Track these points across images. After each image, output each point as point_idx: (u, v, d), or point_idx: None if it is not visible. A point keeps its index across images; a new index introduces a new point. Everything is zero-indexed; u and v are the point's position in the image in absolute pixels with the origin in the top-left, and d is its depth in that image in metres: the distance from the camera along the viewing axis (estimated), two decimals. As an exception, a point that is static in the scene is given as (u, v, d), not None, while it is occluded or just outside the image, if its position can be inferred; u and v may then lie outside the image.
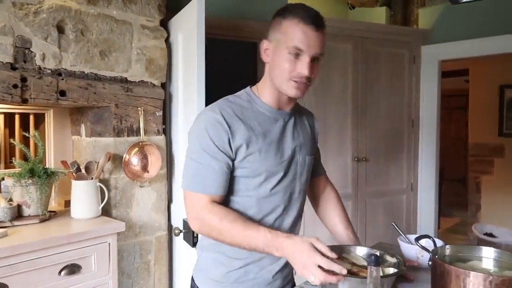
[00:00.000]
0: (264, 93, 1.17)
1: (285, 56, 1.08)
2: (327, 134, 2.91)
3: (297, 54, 1.07)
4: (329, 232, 1.39)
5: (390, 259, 1.10)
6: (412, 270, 1.25)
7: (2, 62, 1.63)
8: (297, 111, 1.27)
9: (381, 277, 1.00)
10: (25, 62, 1.69)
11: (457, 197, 6.67)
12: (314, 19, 1.08)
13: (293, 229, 1.25)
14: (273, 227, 1.15)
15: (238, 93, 1.21)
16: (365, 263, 1.11)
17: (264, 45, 1.15)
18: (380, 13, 3.50)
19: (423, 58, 3.30)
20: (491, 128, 4.50)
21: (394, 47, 3.23)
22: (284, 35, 1.08)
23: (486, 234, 4.33)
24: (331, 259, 0.94)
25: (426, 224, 3.36)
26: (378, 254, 1.03)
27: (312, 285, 1.03)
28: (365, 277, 0.83)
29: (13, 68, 1.66)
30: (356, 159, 3.06)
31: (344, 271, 0.90)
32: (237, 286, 1.18)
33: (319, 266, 0.93)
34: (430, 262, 1.05)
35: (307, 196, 1.38)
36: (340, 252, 1.16)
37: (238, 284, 1.17)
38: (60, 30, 1.79)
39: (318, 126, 1.41)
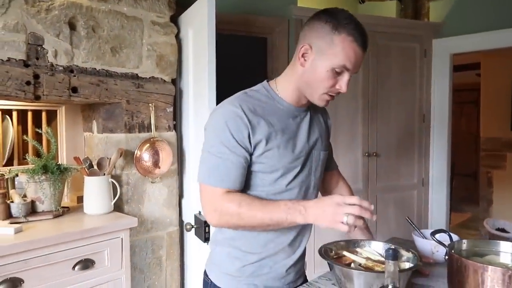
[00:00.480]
0: (285, 90, 1.17)
1: (328, 71, 1.07)
2: (338, 130, 2.89)
3: (341, 71, 1.07)
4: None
5: (406, 253, 1.09)
6: (428, 265, 1.24)
7: (15, 59, 1.64)
8: (312, 107, 1.26)
9: (398, 271, 0.99)
10: (37, 59, 1.70)
11: (468, 192, 6.61)
12: (366, 41, 1.07)
13: (308, 225, 1.24)
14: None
15: (256, 87, 1.20)
16: (380, 258, 1.10)
17: (303, 49, 1.10)
18: (391, 6, 3.46)
19: (435, 52, 3.27)
20: (503, 123, 4.45)
21: (405, 41, 3.20)
22: (333, 50, 1.05)
23: (498, 229, 4.28)
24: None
25: (437, 220, 3.33)
26: (395, 247, 1.02)
27: (325, 279, 1.02)
28: (382, 272, 0.83)
29: (26, 65, 1.67)
30: (366, 154, 3.04)
31: (372, 207, 0.95)
32: (252, 280, 1.17)
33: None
34: (446, 257, 1.04)
35: (319, 191, 1.37)
36: (355, 246, 1.15)
37: (253, 278, 1.17)
38: (72, 27, 1.80)
39: (331, 122, 1.41)
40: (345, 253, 1.13)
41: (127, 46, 1.97)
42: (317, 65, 1.08)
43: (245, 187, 1.14)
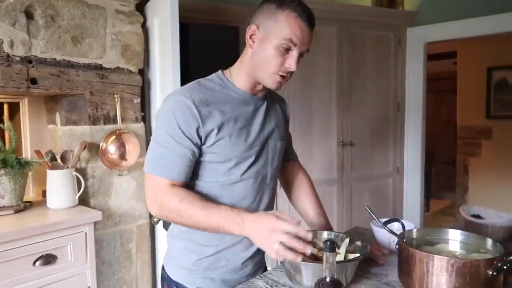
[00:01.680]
0: (238, 78, 1.15)
1: (275, 48, 1.06)
2: (312, 119, 2.89)
3: (288, 48, 1.06)
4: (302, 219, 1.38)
5: (358, 244, 1.09)
6: (384, 254, 1.25)
7: (-33, 49, 1.58)
8: (269, 96, 1.24)
9: (339, 262, 0.99)
10: (-8, 49, 1.65)
11: (448, 179, 6.71)
12: (311, 19, 1.08)
13: None
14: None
15: (210, 76, 1.19)
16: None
17: (251, 30, 1.09)
18: (366, -6, 3.45)
19: (409, 41, 3.27)
20: (479, 111, 4.50)
21: (380, 30, 3.19)
22: (279, 26, 1.05)
23: (473, 215, 4.37)
24: (295, 234, 0.93)
25: (412, 207, 3.38)
26: (333, 239, 1.03)
27: (279, 271, 1.02)
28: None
29: (-21, 56, 1.61)
30: (341, 143, 3.04)
31: (309, 251, 0.89)
32: (208, 274, 1.16)
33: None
34: (396, 246, 1.04)
35: (279, 182, 1.36)
36: (314, 237, 1.15)
37: (209, 271, 1.16)
38: (29, 15, 1.74)
39: (290, 111, 1.39)
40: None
41: (89, 35, 1.92)
42: (265, 44, 1.07)
43: (197, 178, 1.13)
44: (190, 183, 1.12)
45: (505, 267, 0.89)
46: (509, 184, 4.20)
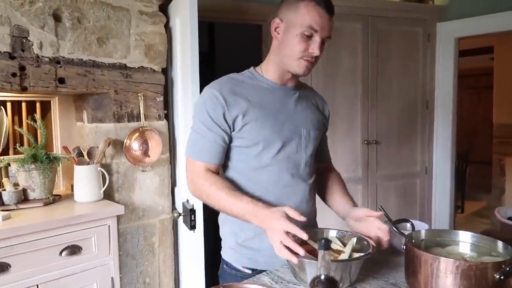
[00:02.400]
0: (267, 70, 1.25)
1: (298, 36, 1.14)
2: (336, 117, 2.85)
3: (310, 34, 1.14)
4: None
5: (365, 243, 1.08)
6: (396, 254, 1.23)
7: (0, 51, 1.68)
8: (304, 90, 1.34)
9: (343, 260, 0.99)
10: (23, 51, 1.74)
11: (485, 180, 6.44)
12: (329, 6, 1.16)
13: (304, 207, 1.26)
14: (277, 200, 1.20)
15: (243, 72, 1.30)
16: (339, 247, 1.10)
17: (275, 23, 1.20)
18: (395, -11, 3.36)
19: (439, 36, 3.16)
20: (516, 108, 4.29)
21: (408, 25, 3.10)
22: (300, 15, 1.14)
23: (510, 218, 4.17)
24: (296, 239, 0.95)
25: (441, 208, 3.27)
26: (329, 238, 1.02)
27: (286, 267, 1.02)
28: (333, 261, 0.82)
29: (11, 57, 1.71)
30: (366, 142, 2.99)
31: (301, 252, 0.92)
32: (252, 255, 1.23)
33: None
34: (403, 247, 1.02)
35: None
36: (315, 235, 1.15)
37: (253, 252, 1.23)
38: (57, 18, 1.83)
39: (329, 111, 1.44)
40: (309, 241, 1.13)
41: (114, 36, 1.99)
42: (288, 34, 1.16)
43: (231, 162, 1.24)
44: (225, 166, 1.25)
45: (514, 271, 0.86)
46: (548, 186, 3.98)
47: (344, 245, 1.10)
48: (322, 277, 0.77)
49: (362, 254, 1.01)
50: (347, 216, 1.25)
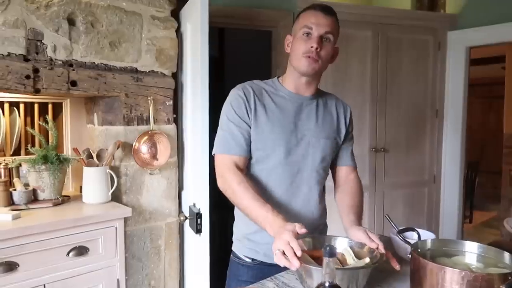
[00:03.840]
0: (286, 80, 1.36)
1: (299, 39, 1.27)
2: (344, 124, 2.85)
3: (308, 33, 1.25)
4: None
5: (371, 251, 1.08)
6: (401, 263, 1.22)
7: (15, 54, 1.72)
8: (324, 98, 1.42)
9: (350, 269, 0.99)
10: (37, 53, 1.78)
11: (495, 190, 6.36)
12: (324, 7, 1.27)
13: (307, 213, 1.33)
14: (280, 201, 1.29)
15: (267, 80, 1.42)
16: (351, 257, 1.10)
17: (288, 39, 1.36)
18: (406, -2, 3.37)
19: (450, 45, 3.15)
20: (528, 118, 4.24)
21: (418, 33, 3.10)
22: (299, 22, 1.29)
23: (519, 229, 4.11)
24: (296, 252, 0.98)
25: (449, 218, 3.24)
26: (348, 246, 1.02)
27: (291, 274, 1.02)
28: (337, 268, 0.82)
29: (25, 59, 1.75)
30: (374, 149, 2.99)
31: (296, 264, 0.94)
32: (253, 246, 1.34)
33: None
34: (409, 255, 1.02)
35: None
36: (324, 243, 1.15)
37: (254, 244, 1.34)
38: (71, 22, 1.86)
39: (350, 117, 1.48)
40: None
41: (126, 40, 2.02)
42: (294, 41, 1.31)
43: (249, 161, 1.32)
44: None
45: (520, 283, 0.86)
46: (559, 198, 3.92)
47: (356, 255, 1.10)
48: (327, 284, 0.77)
49: (369, 262, 1.00)
50: (346, 233, 1.25)
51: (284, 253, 0.97)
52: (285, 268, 1.15)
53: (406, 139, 3.11)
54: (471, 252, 1.05)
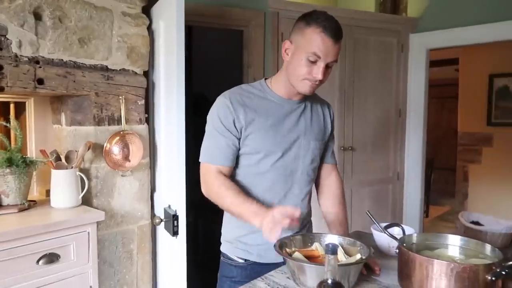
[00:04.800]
0: (277, 85, 1.35)
1: (303, 60, 1.22)
2: (314, 123, 2.90)
3: (314, 60, 1.21)
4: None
5: (362, 247, 1.11)
6: (383, 258, 1.26)
7: (-24, 49, 1.60)
8: (311, 101, 1.42)
9: (344, 265, 1.01)
10: (0, 49, 1.66)
11: (448, 185, 6.73)
12: (335, 32, 1.21)
13: (300, 207, 1.33)
14: (272, 203, 1.30)
15: (253, 83, 1.42)
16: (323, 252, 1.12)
17: (286, 45, 1.29)
18: (370, 0, 3.48)
19: (411, 47, 3.29)
20: (480, 118, 4.52)
21: (383, 36, 3.21)
22: (306, 41, 1.22)
23: (472, 222, 4.37)
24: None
25: (411, 213, 3.39)
26: (337, 243, 1.04)
27: (280, 273, 1.03)
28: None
29: (-12, 55, 1.63)
30: (342, 148, 3.06)
31: (284, 224, 1.02)
32: (246, 248, 1.36)
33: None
34: (396, 250, 1.06)
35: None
36: (313, 240, 1.17)
37: (247, 246, 1.36)
38: (37, 17, 1.76)
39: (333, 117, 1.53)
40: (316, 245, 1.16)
41: (96, 37, 1.94)
42: (295, 56, 1.25)
43: (237, 167, 1.35)
44: (232, 171, 1.34)
45: (503, 273, 0.91)
46: (508, 191, 4.22)
47: (346, 251, 1.12)
48: (329, 281, 0.78)
49: (360, 257, 1.03)
50: None
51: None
52: (277, 266, 1.17)
53: (372, 138, 3.21)
54: (452, 244, 1.11)
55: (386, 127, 3.29)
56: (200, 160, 1.35)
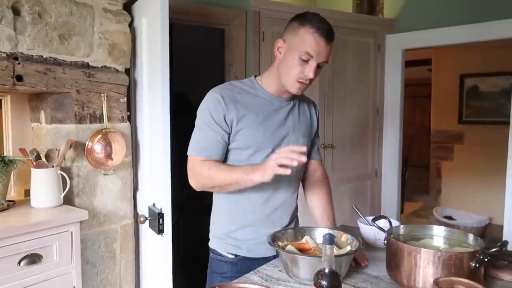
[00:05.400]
0: (268, 82, 1.37)
1: (296, 59, 1.25)
2: (295, 122, 2.94)
3: (306, 59, 1.24)
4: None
5: (351, 239, 1.14)
6: (370, 249, 1.30)
7: (-49, 44, 1.54)
8: (299, 99, 1.45)
9: (338, 255, 1.04)
10: (-23, 45, 1.61)
11: (421, 182, 6.93)
12: (328, 33, 1.26)
13: (288, 202, 1.39)
14: (262, 198, 1.34)
15: (243, 80, 1.44)
16: (315, 245, 1.15)
17: (279, 43, 1.32)
18: (347, 1, 3.55)
19: (388, 47, 3.38)
20: (451, 116, 4.69)
21: (360, 36, 3.29)
22: (299, 40, 1.25)
23: (445, 217, 4.54)
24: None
25: (389, 208, 3.48)
26: (333, 234, 1.07)
27: (272, 266, 1.04)
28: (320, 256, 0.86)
29: (-36, 51, 1.58)
30: (322, 145, 3.11)
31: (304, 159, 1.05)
32: (236, 243, 1.37)
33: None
34: (385, 241, 1.09)
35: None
36: (304, 233, 1.19)
37: (237, 241, 1.37)
38: (16, 12, 1.71)
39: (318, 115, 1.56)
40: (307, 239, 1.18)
41: (76, 33, 1.90)
42: (288, 55, 1.27)
43: (227, 162, 1.35)
44: None
45: (486, 260, 0.96)
46: (479, 186, 4.39)
47: (336, 244, 1.15)
48: (326, 270, 0.81)
49: (350, 249, 1.06)
50: None
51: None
52: (267, 261, 1.18)
53: (351, 136, 3.28)
54: (437, 235, 1.15)
55: (365, 125, 3.36)
56: (188, 153, 1.35)
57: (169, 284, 1.90)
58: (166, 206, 1.85)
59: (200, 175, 1.29)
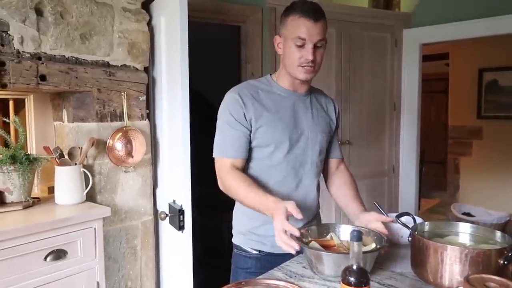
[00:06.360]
0: (281, 78, 1.41)
1: (292, 47, 1.29)
2: (311, 118, 2.93)
3: (301, 44, 1.27)
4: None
5: (375, 236, 1.14)
6: (394, 247, 1.30)
7: (-22, 45, 1.58)
8: (315, 94, 1.48)
9: (364, 252, 1.04)
10: (2, 45, 1.65)
11: (437, 178, 6.85)
12: (313, 12, 1.28)
13: (308, 202, 1.40)
14: (283, 195, 1.32)
15: (259, 78, 1.47)
16: (338, 241, 1.15)
17: (277, 40, 1.38)
18: (363, -4, 3.52)
19: (405, 42, 3.34)
20: (470, 111, 4.61)
21: (377, 31, 3.25)
22: (289, 29, 1.30)
23: (464, 213, 4.47)
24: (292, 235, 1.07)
25: (406, 205, 3.45)
26: (361, 230, 1.06)
27: (296, 263, 1.05)
28: (348, 253, 0.86)
29: (-10, 52, 1.61)
30: (339, 142, 3.10)
31: (295, 247, 1.03)
32: (260, 239, 1.39)
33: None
34: (410, 238, 1.09)
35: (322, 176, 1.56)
36: (328, 230, 1.19)
37: (261, 237, 1.39)
38: (39, 12, 1.75)
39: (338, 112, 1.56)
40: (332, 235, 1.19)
41: (97, 33, 1.93)
42: (285, 47, 1.33)
43: (250, 160, 1.38)
44: (245, 165, 1.37)
45: (515, 257, 0.95)
46: (499, 182, 4.32)
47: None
48: (354, 267, 0.81)
49: (375, 246, 1.06)
50: (357, 219, 1.32)
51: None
52: (292, 256, 1.19)
53: (368, 132, 3.26)
54: (463, 232, 1.14)
55: (382, 121, 3.34)
56: (213, 156, 1.38)
57: (189, 279, 1.93)
58: (186, 203, 1.87)
59: (224, 183, 1.33)
